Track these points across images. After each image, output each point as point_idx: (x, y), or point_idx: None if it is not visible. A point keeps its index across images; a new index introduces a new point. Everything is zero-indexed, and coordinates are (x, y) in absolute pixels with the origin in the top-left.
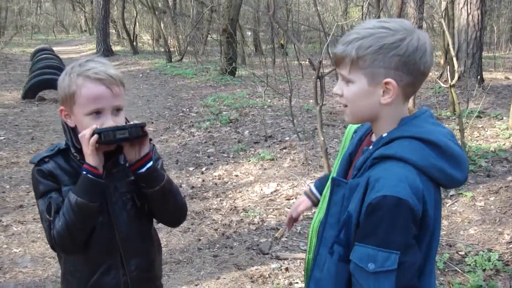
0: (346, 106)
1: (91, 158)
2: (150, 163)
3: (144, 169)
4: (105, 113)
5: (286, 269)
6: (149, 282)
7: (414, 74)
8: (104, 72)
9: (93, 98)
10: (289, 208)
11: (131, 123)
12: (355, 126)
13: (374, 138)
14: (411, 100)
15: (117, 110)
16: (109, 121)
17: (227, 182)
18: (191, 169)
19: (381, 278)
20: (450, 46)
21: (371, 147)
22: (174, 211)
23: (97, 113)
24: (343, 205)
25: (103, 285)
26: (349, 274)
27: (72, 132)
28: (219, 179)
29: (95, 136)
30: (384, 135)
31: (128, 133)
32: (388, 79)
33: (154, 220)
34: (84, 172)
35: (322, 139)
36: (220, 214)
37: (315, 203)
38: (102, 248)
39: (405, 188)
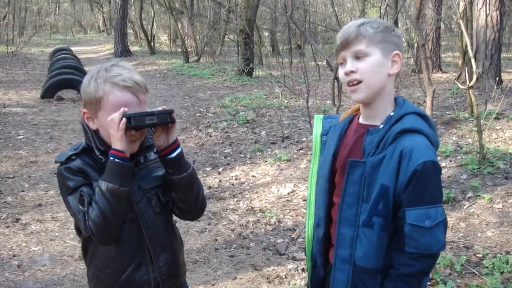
0: (360, 82)
1: (119, 142)
2: (179, 149)
3: (174, 154)
4: None
5: (303, 269)
6: (177, 278)
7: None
8: (131, 80)
9: (121, 105)
10: (305, 209)
11: (160, 109)
12: (320, 131)
13: (364, 120)
14: (429, 102)
15: None
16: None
17: (243, 183)
18: (208, 169)
19: (435, 230)
20: (469, 47)
21: (381, 125)
22: (197, 202)
23: None
24: (364, 181)
25: (134, 281)
26: (388, 239)
27: (95, 134)
28: (236, 179)
29: (125, 120)
30: (392, 114)
31: (156, 119)
32: (398, 51)
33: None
34: (112, 158)
35: None
36: (237, 214)
37: None
38: (131, 245)
39: (433, 153)
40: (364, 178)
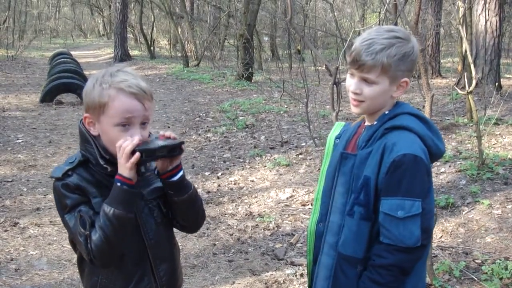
0: (362, 101)
1: (128, 171)
2: (181, 172)
3: (175, 178)
4: (134, 126)
5: (301, 275)
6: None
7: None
8: (137, 86)
9: (126, 111)
10: (304, 214)
11: (171, 141)
12: (336, 134)
13: (368, 122)
14: (427, 107)
15: (144, 123)
16: (137, 135)
17: (242, 187)
18: (207, 174)
19: (408, 223)
20: (468, 52)
21: (375, 122)
22: (197, 217)
23: (126, 125)
24: (353, 173)
25: None
26: (369, 230)
27: (98, 142)
28: (234, 184)
29: (138, 154)
30: (386, 112)
31: (166, 151)
32: (406, 79)
33: None
34: (119, 184)
35: None
36: (236, 219)
37: None
38: (134, 257)
39: (418, 148)
40: (352, 169)
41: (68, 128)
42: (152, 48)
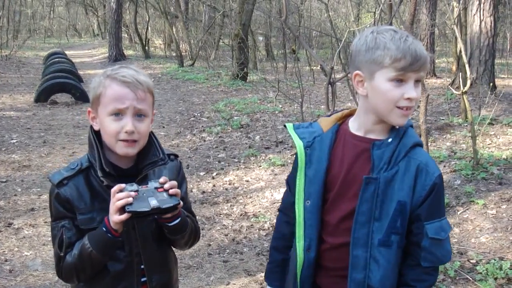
0: (413, 107)
1: (114, 224)
2: (178, 220)
3: (170, 224)
4: (126, 115)
5: None
6: None
7: None
8: (132, 76)
9: (116, 98)
10: None
11: (168, 201)
12: (303, 144)
13: (364, 134)
14: (423, 107)
15: (139, 115)
16: (129, 123)
17: (237, 188)
18: (201, 174)
19: (445, 241)
20: (463, 52)
21: (389, 139)
22: (189, 245)
23: (118, 114)
24: (377, 199)
25: None
26: (401, 257)
27: (102, 152)
28: (229, 184)
29: (126, 215)
30: (398, 127)
31: (159, 213)
32: None
33: None
34: (104, 229)
35: None
36: (231, 219)
37: None
38: (119, 271)
39: (437, 165)
40: (376, 195)
41: (63, 128)
42: (146, 47)
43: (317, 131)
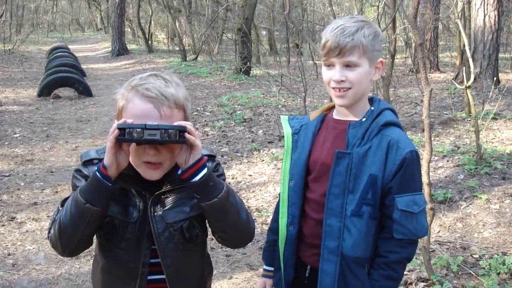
0: (349, 89)
1: (106, 155)
2: (205, 170)
3: (197, 178)
4: None
5: None
6: None
7: None
8: (157, 90)
9: (136, 115)
10: None
11: (169, 124)
12: (291, 131)
13: (343, 117)
14: (426, 102)
15: None
16: (151, 149)
17: (240, 182)
18: None
19: (419, 216)
20: (466, 47)
21: (363, 119)
22: (237, 229)
23: None
24: (350, 172)
25: None
26: (375, 228)
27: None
28: (232, 178)
29: (116, 131)
30: (372, 108)
31: (160, 135)
32: (381, 59)
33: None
34: (96, 169)
35: None
36: None
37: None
38: (121, 274)
39: (413, 144)
40: (350, 169)
41: (66, 122)
42: (150, 42)
43: (305, 120)
